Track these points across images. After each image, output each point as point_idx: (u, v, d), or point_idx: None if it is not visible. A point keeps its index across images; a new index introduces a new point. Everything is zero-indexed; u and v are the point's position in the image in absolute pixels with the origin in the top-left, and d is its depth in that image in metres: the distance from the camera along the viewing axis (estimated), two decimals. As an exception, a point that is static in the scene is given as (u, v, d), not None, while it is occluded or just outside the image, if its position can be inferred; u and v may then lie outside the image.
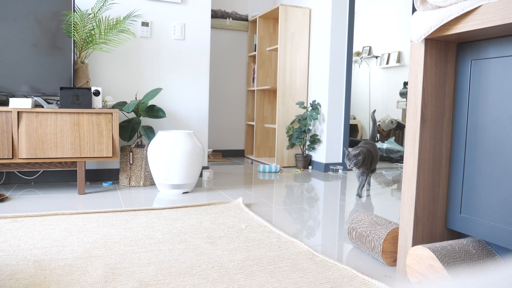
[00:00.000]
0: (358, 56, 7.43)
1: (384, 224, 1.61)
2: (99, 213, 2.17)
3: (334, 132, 3.92)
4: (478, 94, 1.35)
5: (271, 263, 1.53)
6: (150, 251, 1.62)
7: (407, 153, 1.46)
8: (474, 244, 1.37)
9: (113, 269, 1.43)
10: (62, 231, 1.84)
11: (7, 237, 1.74)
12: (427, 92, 1.40)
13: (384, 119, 5.95)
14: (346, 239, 1.89)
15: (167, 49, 3.26)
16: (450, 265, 1.27)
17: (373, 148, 2.83)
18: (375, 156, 2.82)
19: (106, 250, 1.62)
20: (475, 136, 1.36)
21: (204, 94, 3.40)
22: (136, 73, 3.19)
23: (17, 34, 2.64)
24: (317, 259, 1.58)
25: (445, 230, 1.49)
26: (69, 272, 1.40)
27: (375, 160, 2.85)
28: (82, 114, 2.58)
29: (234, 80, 4.92)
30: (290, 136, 4.07)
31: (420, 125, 1.40)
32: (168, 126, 3.31)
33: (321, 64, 3.97)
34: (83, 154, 2.59)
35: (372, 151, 2.78)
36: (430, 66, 1.40)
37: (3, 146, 2.43)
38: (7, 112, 2.43)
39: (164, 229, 1.92)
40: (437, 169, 1.45)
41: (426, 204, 1.44)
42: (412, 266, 1.37)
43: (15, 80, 2.66)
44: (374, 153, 2.80)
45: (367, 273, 1.49)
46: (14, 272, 1.39)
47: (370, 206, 2.56)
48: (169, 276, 1.38)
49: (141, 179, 2.95)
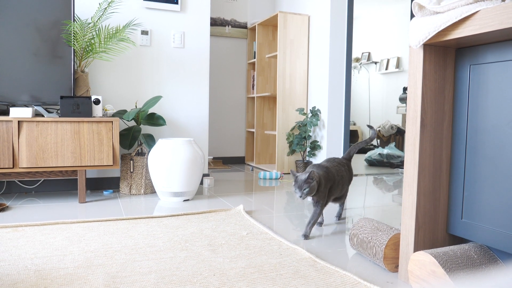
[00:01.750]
0: (357, 62, 7.45)
1: (385, 230, 1.61)
2: (100, 221, 2.17)
3: (335, 138, 3.92)
4: (477, 99, 1.35)
5: (273, 270, 1.52)
6: (151, 259, 1.62)
7: (408, 159, 1.46)
8: (476, 250, 1.37)
9: (114, 278, 1.42)
10: (63, 240, 1.84)
11: (8, 247, 1.74)
12: (426, 97, 1.40)
13: (384, 124, 5.96)
14: (347, 245, 1.88)
15: (166, 57, 3.27)
16: (452, 270, 1.26)
17: (337, 168, 2.12)
18: (339, 178, 2.10)
19: (107, 259, 1.61)
20: (475, 141, 1.36)
21: (204, 101, 3.41)
22: (136, 81, 3.20)
23: (17, 43, 2.66)
24: (318, 265, 1.57)
25: (447, 235, 1.48)
26: (70, 281, 1.40)
27: (341, 183, 2.13)
28: (82, 122, 2.58)
29: (234, 87, 4.93)
30: (291, 143, 4.07)
31: (420, 130, 1.40)
32: (169, 134, 3.32)
33: (321, 70, 3.98)
34: (84, 162, 2.59)
35: (334, 173, 2.08)
36: (429, 71, 1.40)
37: (4, 155, 2.43)
38: (7, 122, 2.44)
39: (165, 237, 1.92)
40: (437, 174, 1.45)
41: (427, 210, 1.44)
42: (414, 272, 1.37)
43: (16, 89, 2.67)
44: (337, 174, 2.09)
45: (369, 279, 1.48)
46: (15, 281, 1.39)
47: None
48: (171, 285, 1.38)
49: (142, 187, 2.94)
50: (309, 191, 1.87)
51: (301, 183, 1.87)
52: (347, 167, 2.23)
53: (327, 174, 2.03)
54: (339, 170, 2.13)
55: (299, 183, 1.88)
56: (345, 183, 2.18)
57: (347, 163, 2.24)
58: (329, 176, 2.03)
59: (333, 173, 2.07)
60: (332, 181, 2.05)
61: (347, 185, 2.23)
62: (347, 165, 2.24)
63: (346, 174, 2.19)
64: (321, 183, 1.95)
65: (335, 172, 2.09)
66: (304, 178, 1.88)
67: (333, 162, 2.15)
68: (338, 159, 2.20)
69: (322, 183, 1.95)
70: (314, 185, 1.88)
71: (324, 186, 1.98)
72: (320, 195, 1.98)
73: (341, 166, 2.17)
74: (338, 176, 2.10)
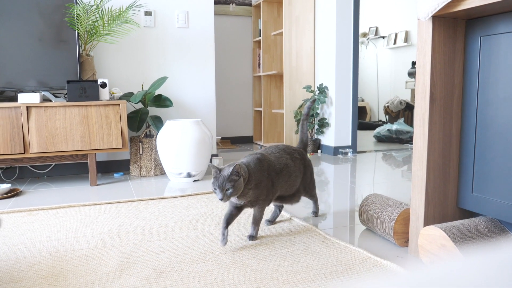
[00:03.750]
0: (365, 37, 7.33)
1: (395, 205, 1.61)
2: (112, 203, 2.20)
3: (343, 115, 3.90)
4: (488, 71, 1.33)
5: (283, 247, 1.54)
6: (163, 239, 1.64)
7: (417, 134, 1.44)
8: (486, 223, 1.37)
9: (128, 258, 1.45)
10: (77, 223, 1.87)
11: (24, 230, 1.78)
12: (435, 71, 1.38)
13: (392, 100, 5.90)
14: (357, 221, 1.89)
15: (171, 38, 3.24)
16: (463, 244, 1.27)
17: (278, 156, 1.68)
18: (282, 167, 1.65)
19: (120, 240, 1.64)
20: (486, 114, 1.34)
21: (210, 81, 3.39)
22: (141, 63, 3.18)
23: (21, 29, 2.65)
24: (328, 242, 1.59)
25: (457, 209, 1.48)
26: (85, 262, 1.43)
27: (287, 174, 1.67)
28: (90, 106, 2.59)
29: (240, 66, 4.89)
30: (298, 121, 4.05)
31: (430, 105, 1.39)
32: (176, 115, 3.32)
33: (327, 46, 3.93)
34: (93, 146, 2.61)
35: (274, 161, 1.63)
36: (439, 44, 1.37)
37: (15, 141, 2.46)
38: (16, 108, 2.45)
39: (176, 217, 1.94)
40: (447, 148, 1.44)
41: (437, 184, 1.43)
42: (424, 246, 1.38)
43: (22, 75, 2.68)
44: (277, 163, 1.64)
45: (379, 254, 1.50)
46: (32, 263, 1.42)
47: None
48: (183, 263, 1.40)
49: (152, 169, 2.97)
50: (233, 192, 1.44)
51: (222, 182, 1.43)
52: (298, 155, 1.77)
53: (260, 164, 1.56)
54: (281, 158, 1.67)
55: (220, 181, 1.43)
56: (294, 174, 1.70)
57: (298, 151, 1.80)
58: (263, 167, 1.57)
59: (271, 161, 1.61)
60: (272, 172, 1.60)
61: (299, 177, 1.75)
62: (299, 153, 1.79)
63: (295, 163, 1.72)
64: (252, 178, 1.51)
65: (274, 160, 1.64)
66: (227, 174, 1.43)
67: (274, 149, 1.72)
68: (284, 145, 1.77)
69: (253, 178, 1.51)
70: (240, 182, 1.45)
71: (257, 181, 1.52)
72: (255, 194, 1.53)
73: (285, 154, 1.71)
74: (279, 165, 1.64)
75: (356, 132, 3.95)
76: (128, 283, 1.26)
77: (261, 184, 1.55)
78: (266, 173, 1.57)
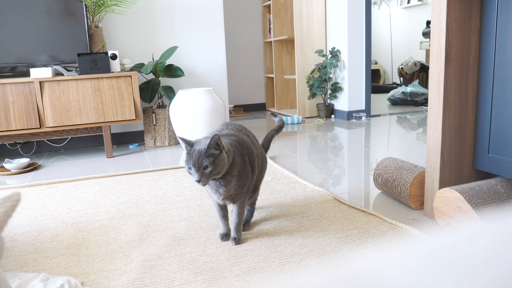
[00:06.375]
0: (378, -3, 7.09)
1: (410, 168, 1.60)
2: (129, 174, 2.24)
3: (356, 78, 3.83)
4: (506, 28, 1.28)
5: (299, 213, 1.55)
6: (180, 208, 1.68)
7: (432, 95, 1.42)
8: (503, 184, 1.35)
9: (147, 227, 1.49)
10: (95, 194, 1.92)
11: (45, 203, 1.83)
12: (451, 30, 1.33)
13: (407, 61, 5.77)
14: (372, 186, 1.89)
15: (179, 6, 3.19)
16: (479, 206, 1.26)
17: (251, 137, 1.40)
18: (258, 151, 1.38)
19: (139, 209, 1.68)
20: (503, 72, 1.30)
21: (220, 49, 3.35)
22: (151, 33, 3.15)
23: (27, 3, 2.63)
24: (343, 206, 1.60)
25: (473, 171, 1.47)
26: (105, 231, 1.47)
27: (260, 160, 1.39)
28: (101, 79, 2.59)
29: (250, 33, 4.81)
30: (311, 86, 4.00)
31: (445, 65, 1.35)
32: (188, 85, 3.31)
33: (339, 8, 3.82)
34: (107, 118, 2.63)
35: (249, 142, 1.34)
36: (454, 1, 1.32)
37: (30, 116, 2.49)
38: (29, 83, 2.47)
39: (192, 186, 1.97)
40: (463, 109, 1.41)
41: (453, 146, 1.42)
42: (440, 208, 1.38)
43: (33, 50, 2.68)
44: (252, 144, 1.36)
45: (394, 217, 1.50)
46: (55, 234, 1.47)
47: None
48: (200, 231, 1.43)
49: (166, 139, 2.99)
50: (213, 169, 1.13)
51: (198, 158, 1.13)
52: (259, 145, 1.45)
53: (240, 147, 1.27)
54: (254, 141, 1.40)
55: (195, 157, 1.13)
56: (261, 163, 1.40)
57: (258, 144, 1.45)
58: (243, 151, 1.28)
59: (248, 144, 1.32)
60: (251, 157, 1.31)
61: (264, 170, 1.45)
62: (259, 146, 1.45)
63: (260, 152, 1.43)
64: (235, 165, 1.22)
65: (249, 141, 1.34)
66: (204, 147, 1.13)
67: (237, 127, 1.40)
68: (238, 124, 1.43)
69: (236, 165, 1.22)
70: (222, 158, 1.15)
71: (240, 169, 1.24)
72: (238, 184, 1.25)
73: (252, 136, 1.43)
74: (255, 150, 1.35)
75: (369, 95, 3.89)
76: (148, 251, 1.30)
77: (245, 172, 1.25)
78: (247, 158, 1.28)
